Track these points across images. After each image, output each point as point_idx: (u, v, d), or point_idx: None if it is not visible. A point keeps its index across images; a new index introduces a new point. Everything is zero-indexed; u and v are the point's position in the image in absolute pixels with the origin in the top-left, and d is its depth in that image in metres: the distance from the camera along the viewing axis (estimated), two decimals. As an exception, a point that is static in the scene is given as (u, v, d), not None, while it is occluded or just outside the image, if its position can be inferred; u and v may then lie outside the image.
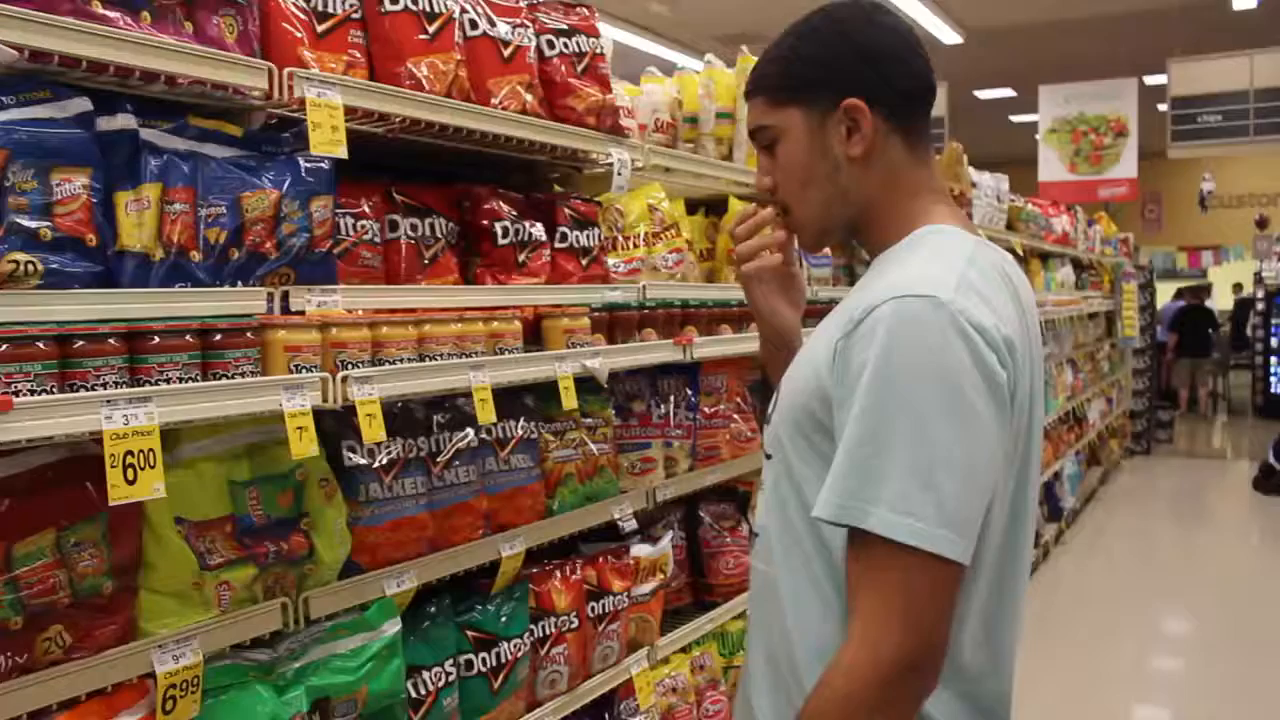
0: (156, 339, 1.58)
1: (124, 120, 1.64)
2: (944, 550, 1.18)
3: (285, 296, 1.85)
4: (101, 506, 1.56)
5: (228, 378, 1.67)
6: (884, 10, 1.50)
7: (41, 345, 1.45)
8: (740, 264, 1.72)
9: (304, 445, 1.74)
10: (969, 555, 1.21)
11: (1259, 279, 16.07)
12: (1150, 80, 13.28)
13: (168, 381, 1.59)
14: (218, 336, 1.68)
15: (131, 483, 1.47)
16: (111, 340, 1.53)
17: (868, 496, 1.20)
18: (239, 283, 1.78)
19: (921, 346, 1.21)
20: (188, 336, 1.63)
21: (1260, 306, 15.76)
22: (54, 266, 1.51)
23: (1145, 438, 12.57)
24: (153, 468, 1.49)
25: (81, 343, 1.49)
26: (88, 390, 1.49)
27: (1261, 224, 17.79)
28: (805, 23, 1.51)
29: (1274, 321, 15.27)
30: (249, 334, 1.72)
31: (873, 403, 1.21)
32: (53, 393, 1.45)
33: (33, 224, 1.49)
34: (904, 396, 1.20)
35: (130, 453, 1.47)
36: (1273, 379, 15.25)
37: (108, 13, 1.58)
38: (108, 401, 1.46)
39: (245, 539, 1.82)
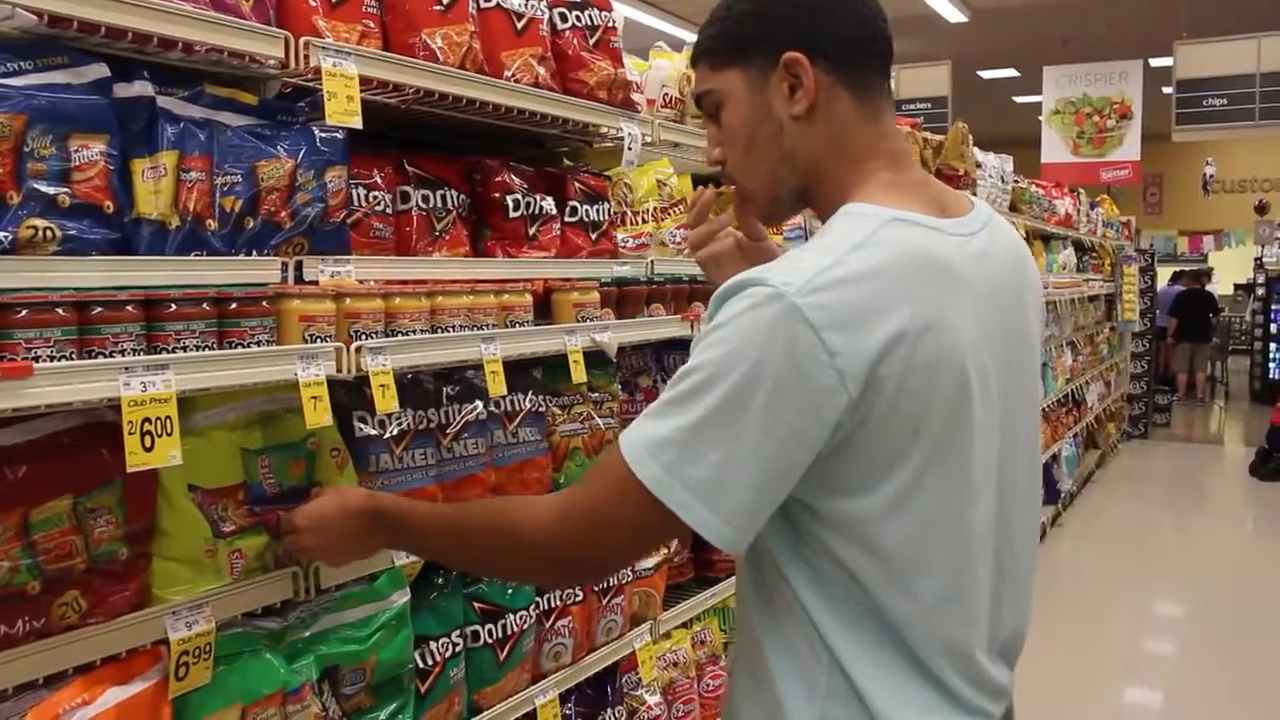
0: (173, 307, 1.59)
1: (141, 87, 1.64)
2: (671, 505, 1.21)
3: (299, 266, 1.85)
4: (117, 473, 1.57)
5: (243, 346, 1.68)
6: None
7: (60, 311, 1.45)
8: (693, 251, 1.71)
9: (318, 415, 1.74)
10: (692, 520, 1.22)
11: (1259, 264, 16.09)
12: (1155, 63, 13.23)
13: (184, 349, 1.59)
14: (233, 305, 1.68)
15: (149, 450, 1.47)
16: (129, 307, 1.53)
17: (648, 438, 1.24)
18: (254, 252, 1.78)
19: (748, 340, 1.19)
20: (204, 305, 1.63)
21: (1260, 292, 15.79)
22: (72, 233, 1.51)
23: (1143, 421, 12.61)
24: (169, 435, 1.50)
25: (100, 309, 1.49)
26: (106, 357, 1.49)
27: (1261, 209, 17.80)
28: None
29: (1273, 307, 15.30)
30: (264, 303, 1.73)
31: (694, 367, 1.23)
32: (71, 359, 1.46)
33: (51, 190, 1.49)
34: (715, 379, 1.20)
35: (148, 420, 1.47)
36: (1271, 364, 15.28)
37: (126, -22, 1.57)
38: (126, 368, 1.47)
39: (257, 507, 1.82)
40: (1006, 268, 1.41)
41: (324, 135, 1.90)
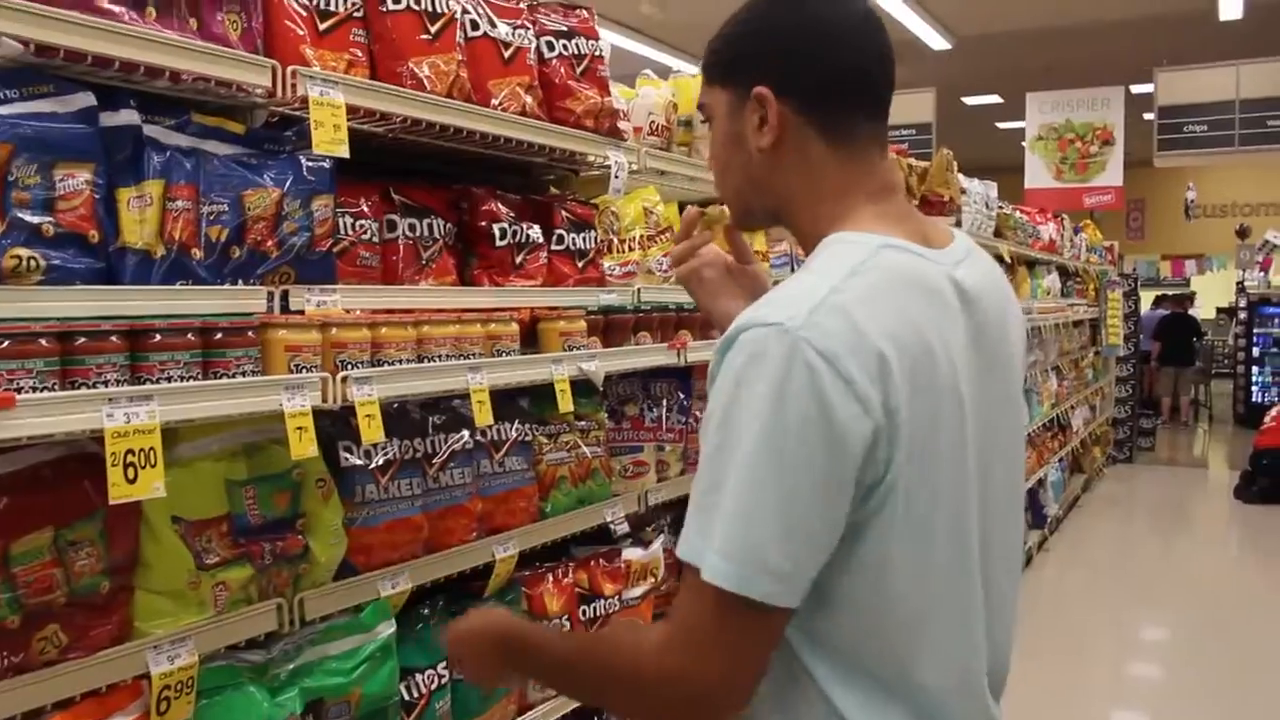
0: (158, 337, 1.58)
1: (127, 116, 1.63)
2: (757, 595, 1.15)
3: (285, 295, 1.84)
4: (99, 505, 1.55)
5: (228, 377, 1.67)
6: None
7: (44, 342, 1.44)
8: (673, 267, 1.70)
9: (303, 445, 1.73)
10: (790, 598, 1.18)
11: (1241, 288, 16.20)
12: (1137, 89, 13.35)
13: (169, 380, 1.58)
14: (219, 335, 1.67)
15: (132, 481, 1.46)
16: (113, 338, 1.52)
17: (706, 535, 1.18)
18: (240, 281, 1.77)
19: (761, 386, 1.15)
20: (189, 335, 1.62)
21: (1242, 316, 15.89)
22: (56, 263, 1.50)
23: (1128, 445, 12.63)
24: (153, 466, 1.48)
25: (83, 340, 1.48)
26: (89, 388, 1.48)
27: (1243, 234, 17.92)
28: (748, 1, 1.42)
29: (1255, 331, 15.39)
30: (250, 333, 1.72)
31: (719, 443, 1.19)
32: (54, 390, 1.44)
33: (35, 219, 1.48)
34: (740, 440, 1.16)
35: (131, 451, 1.46)
36: (1254, 388, 15.36)
37: (113, 7, 1.57)
38: (109, 399, 1.46)
39: (241, 539, 1.81)
40: (989, 299, 1.39)
41: (311, 164, 1.89)
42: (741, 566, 1.15)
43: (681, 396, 3.09)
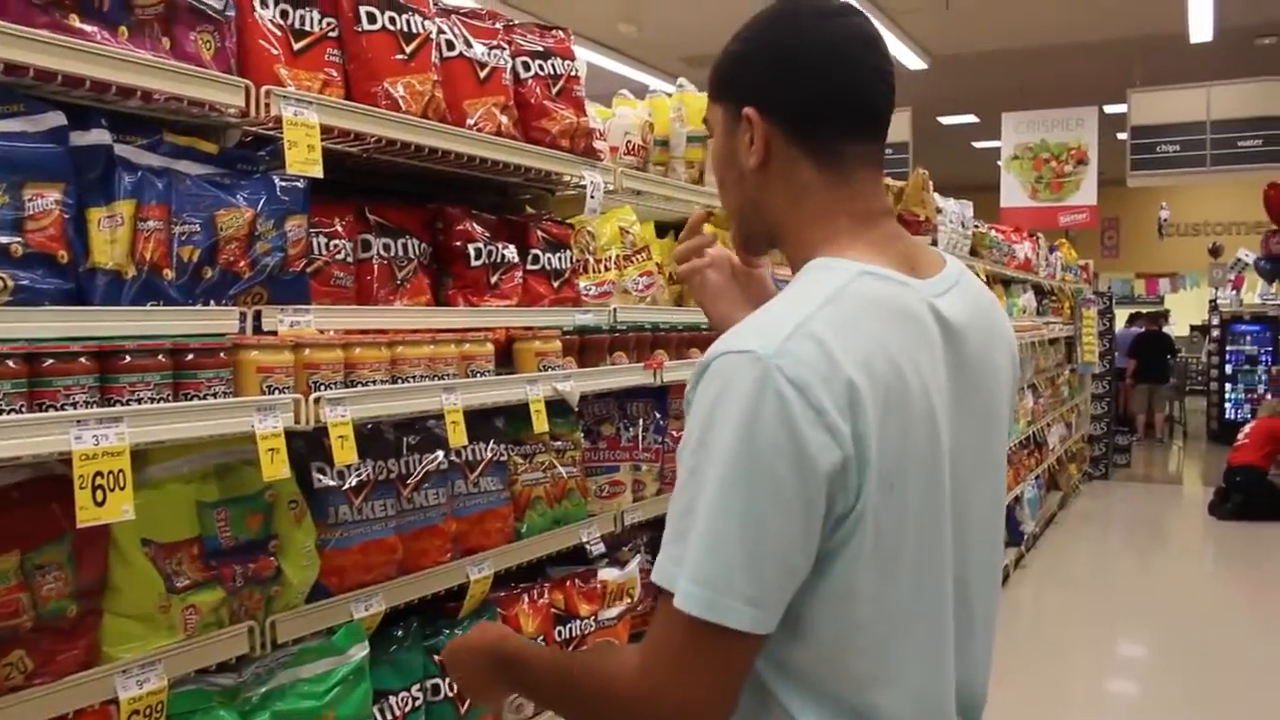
0: (128, 358, 1.56)
1: (98, 135, 1.62)
2: (728, 622, 1.16)
3: (258, 316, 1.83)
4: (67, 528, 1.53)
5: (200, 398, 1.65)
6: (837, 14, 1.35)
7: (11, 363, 1.42)
8: (676, 264, 1.69)
9: (275, 467, 1.72)
10: (763, 625, 1.18)
11: (1214, 306, 16.35)
12: (1110, 109, 13.49)
13: (139, 401, 1.56)
14: (190, 356, 1.66)
15: (100, 504, 1.44)
16: (82, 359, 1.50)
17: (679, 561, 1.18)
18: (212, 302, 1.76)
19: (733, 414, 1.16)
20: (160, 356, 1.61)
21: (1215, 333, 16.03)
22: (24, 283, 1.48)
23: (1104, 462, 12.70)
24: (122, 489, 1.47)
25: (51, 361, 1.47)
26: (57, 410, 1.46)
27: (1215, 252, 18.10)
28: (755, 17, 1.41)
29: (1228, 348, 15.53)
30: (221, 354, 1.70)
31: (693, 467, 1.19)
32: (21, 412, 1.43)
33: (3, 239, 1.47)
34: (713, 466, 1.17)
35: (100, 474, 1.44)
36: (1227, 404, 15.48)
37: (85, 27, 1.56)
38: (78, 421, 1.44)
39: (212, 561, 1.79)
40: (975, 327, 1.38)
41: (284, 184, 1.89)
42: (712, 594, 1.15)
43: (658, 416, 3.09)
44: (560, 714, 1.48)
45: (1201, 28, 10.85)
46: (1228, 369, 15.50)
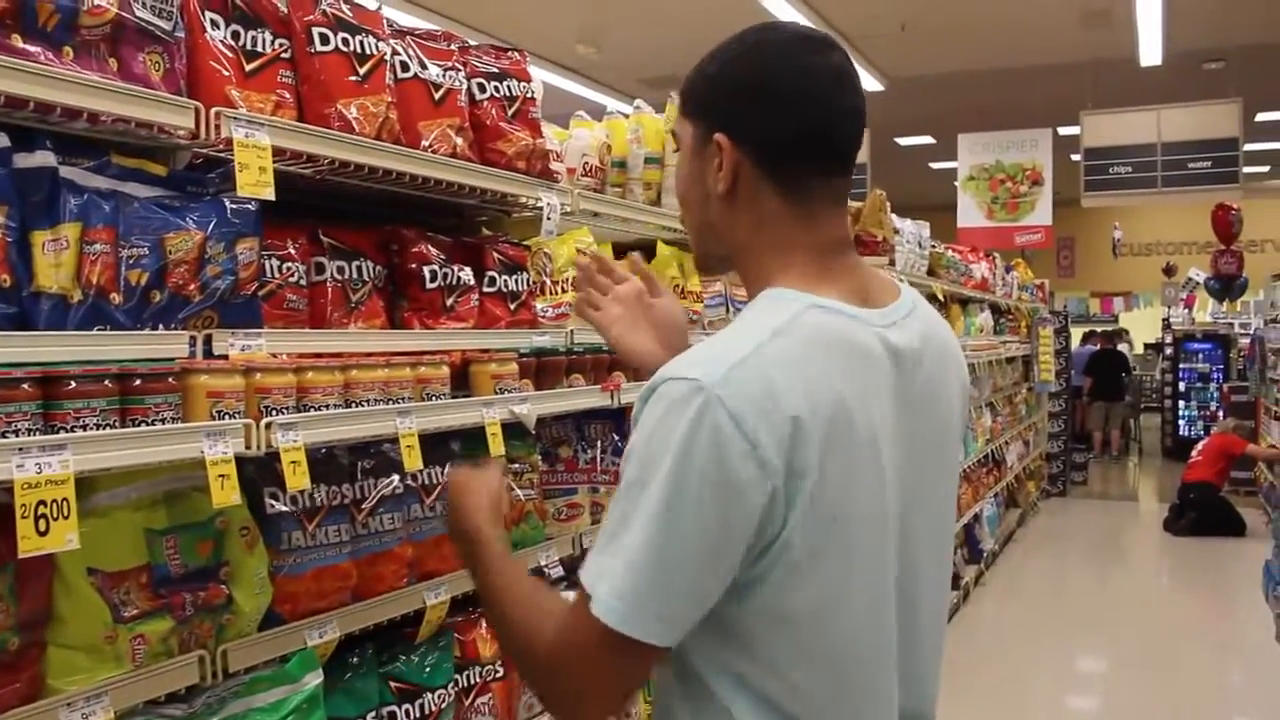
0: (73, 384, 1.53)
1: (43, 158, 1.59)
2: (638, 635, 1.21)
3: (208, 340, 1.80)
4: (9, 558, 1.50)
5: (147, 424, 1.62)
6: (813, 46, 1.35)
7: (-50, 391, 1.39)
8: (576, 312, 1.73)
9: (225, 494, 1.69)
10: (668, 639, 1.23)
11: (1167, 324, 16.59)
12: (1064, 131, 13.68)
13: (84, 428, 1.53)
14: (137, 381, 1.63)
15: (43, 534, 1.41)
16: (25, 385, 1.47)
17: (603, 571, 1.23)
18: (160, 326, 1.73)
19: (672, 439, 1.19)
20: (106, 381, 1.58)
21: (1169, 351, 16.26)
22: (-35, 308, 1.45)
23: (1061, 479, 12.82)
24: (66, 518, 1.44)
25: (-8, 388, 1.44)
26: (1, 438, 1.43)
27: (1169, 272, 18.39)
28: (731, 38, 1.40)
29: (1181, 366, 15.75)
30: (170, 379, 1.67)
31: (632, 479, 1.23)
32: (-39, 440, 1.40)
33: (-56, 264, 1.44)
34: (647, 487, 1.20)
35: (43, 502, 1.41)
36: (1181, 421, 15.70)
37: (28, 47, 1.54)
38: (20, 449, 1.41)
39: (162, 590, 1.76)
40: (928, 359, 1.39)
41: (235, 206, 1.87)
42: (628, 608, 1.21)
43: (615, 438, 3.07)
44: (489, 623, 1.55)
45: (1151, 52, 11.05)
46: (1181, 386, 15.73)
